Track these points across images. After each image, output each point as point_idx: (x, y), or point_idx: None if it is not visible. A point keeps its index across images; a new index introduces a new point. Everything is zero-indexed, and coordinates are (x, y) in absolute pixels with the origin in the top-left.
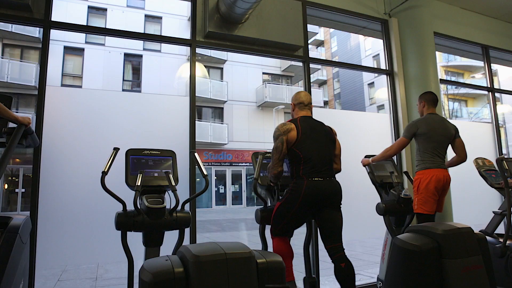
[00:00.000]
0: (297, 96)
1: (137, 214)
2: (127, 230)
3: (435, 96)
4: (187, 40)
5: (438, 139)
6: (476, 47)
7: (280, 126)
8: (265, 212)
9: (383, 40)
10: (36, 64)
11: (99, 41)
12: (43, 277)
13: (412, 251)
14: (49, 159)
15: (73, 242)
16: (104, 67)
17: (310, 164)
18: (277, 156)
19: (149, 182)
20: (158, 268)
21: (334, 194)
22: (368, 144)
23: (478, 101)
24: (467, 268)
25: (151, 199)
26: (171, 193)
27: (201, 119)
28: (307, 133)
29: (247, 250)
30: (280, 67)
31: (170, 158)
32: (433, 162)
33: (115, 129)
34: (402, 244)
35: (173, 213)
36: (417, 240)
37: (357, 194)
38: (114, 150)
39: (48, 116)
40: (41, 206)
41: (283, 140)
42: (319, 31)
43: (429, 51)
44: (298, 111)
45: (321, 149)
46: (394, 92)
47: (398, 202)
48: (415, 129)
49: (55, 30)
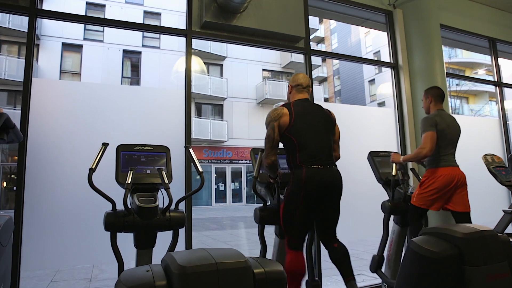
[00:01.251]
0: (295, 78)
1: (127, 214)
2: (117, 231)
3: (442, 91)
4: (182, 31)
5: (452, 137)
6: (483, 40)
7: (272, 111)
8: (265, 211)
9: (387, 32)
10: (34, 61)
11: (97, 38)
12: (36, 277)
13: (430, 258)
14: (39, 155)
15: (68, 242)
16: (103, 64)
17: (307, 151)
18: (269, 144)
19: (141, 179)
20: (136, 281)
21: (336, 183)
22: (371, 140)
23: (479, 98)
24: (492, 277)
25: (142, 198)
26: (165, 192)
27: (201, 116)
28: (301, 117)
29: (242, 259)
30: (280, 64)
31: (164, 154)
32: (446, 160)
33: (107, 123)
34: (418, 249)
35: (166, 212)
36: (435, 245)
37: (358, 192)
38: (103, 145)
39: (35, 111)
40: (32, 204)
41: (274, 126)
42: (319, 27)
43: (435, 43)
44: (295, 94)
45: (318, 134)
46: (398, 86)
47: (404, 200)
48: (435, 122)
49: (52, 25)
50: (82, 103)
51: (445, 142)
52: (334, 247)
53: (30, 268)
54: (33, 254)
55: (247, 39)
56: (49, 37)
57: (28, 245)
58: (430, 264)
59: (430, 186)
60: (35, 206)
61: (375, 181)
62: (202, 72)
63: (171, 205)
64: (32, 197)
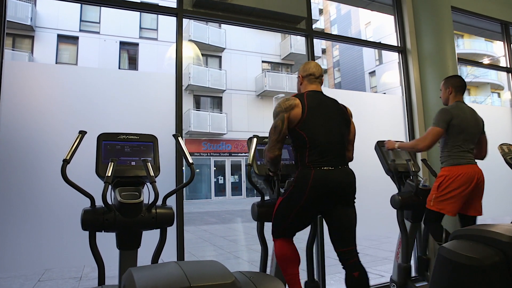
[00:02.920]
0: (306, 66)
1: (107, 211)
2: (96, 231)
3: (464, 82)
4: (172, 9)
5: (470, 131)
6: (495, 23)
7: (283, 101)
8: (263, 207)
9: (394, 14)
10: (29, 53)
11: (93, 29)
12: (23, 277)
13: (470, 266)
14: (16, 148)
15: (57, 241)
16: (100, 56)
17: (318, 150)
18: (275, 137)
19: (125, 172)
20: None
21: (348, 186)
22: (376, 129)
23: (481, 90)
24: None
25: (125, 193)
26: None
27: (200, 109)
28: (315, 111)
29: (227, 279)
30: (280, 55)
31: (151, 144)
32: (463, 157)
33: (92, 111)
34: (453, 257)
35: (151, 209)
36: (475, 250)
37: (363, 186)
38: (80, 133)
39: (10, 96)
40: (9, 200)
41: (284, 118)
42: (319, 18)
43: (446, 26)
44: (307, 85)
45: (332, 131)
46: (407, 71)
47: (416, 194)
48: (450, 117)
49: (47, 17)
50: (62, 87)
51: (461, 137)
52: (354, 276)
53: (19, 266)
54: (20, 253)
55: (244, 19)
56: (44, 29)
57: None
58: (471, 274)
59: (448, 187)
60: (13, 202)
61: (381, 174)
62: (198, 59)
63: (158, 201)
64: (7, 193)
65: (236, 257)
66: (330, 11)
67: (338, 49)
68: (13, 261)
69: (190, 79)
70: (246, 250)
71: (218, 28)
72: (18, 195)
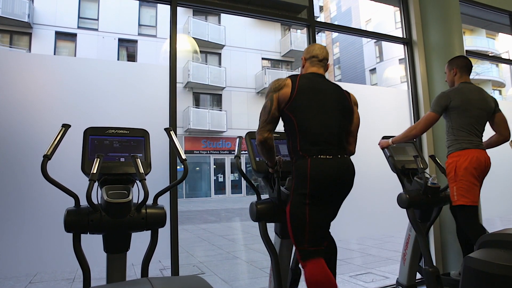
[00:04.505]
0: (310, 48)
1: (93, 211)
2: (81, 232)
3: (469, 61)
4: None
5: (475, 113)
6: (503, 15)
7: (274, 81)
8: (263, 204)
9: (400, 5)
10: (26, 50)
11: (92, 26)
12: (14, 278)
13: (504, 277)
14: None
15: (50, 242)
16: (98, 53)
17: (309, 136)
18: (264, 117)
19: (112, 169)
20: None
21: (348, 178)
22: (381, 124)
23: (482, 87)
24: None
25: (112, 192)
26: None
27: (199, 106)
28: (306, 92)
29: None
30: (280, 52)
31: (141, 139)
32: (471, 141)
33: (82, 104)
34: (483, 267)
35: (141, 209)
36: (506, 258)
37: (366, 184)
38: (63, 127)
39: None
40: (5, 202)
41: (273, 98)
42: (319, 15)
43: (454, 17)
44: (308, 67)
45: (328, 116)
46: (412, 64)
47: (425, 192)
48: (447, 101)
49: (45, 13)
50: (42, 79)
51: (466, 120)
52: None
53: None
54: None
55: (242, 7)
56: (41, 26)
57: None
58: (506, 284)
59: (465, 169)
60: (2, 202)
61: (384, 171)
62: (193, 50)
63: (147, 200)
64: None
65: (235, 257)
66: (331, 8)
67: (338, 46)
68: (2, 262)
69: (190, 76)
70: (245, 249)
71: (217, 25)
72: (7, 195)
